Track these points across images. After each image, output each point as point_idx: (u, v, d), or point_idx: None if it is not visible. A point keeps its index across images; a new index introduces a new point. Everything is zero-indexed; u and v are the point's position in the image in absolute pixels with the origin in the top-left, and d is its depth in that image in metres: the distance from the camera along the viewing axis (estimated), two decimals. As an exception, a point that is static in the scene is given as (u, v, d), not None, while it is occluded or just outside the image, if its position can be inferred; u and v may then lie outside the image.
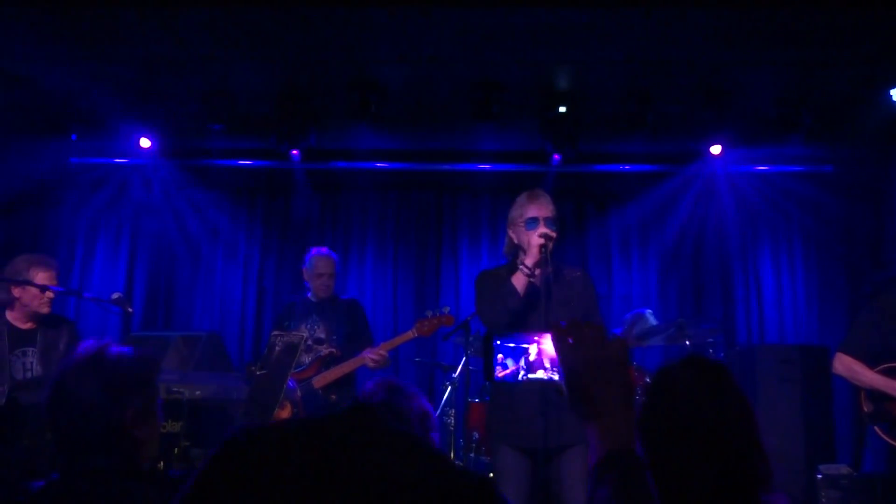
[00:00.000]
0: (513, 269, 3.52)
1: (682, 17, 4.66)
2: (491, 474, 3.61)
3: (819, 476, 4.61)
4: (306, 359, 4.89)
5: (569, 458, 3.29)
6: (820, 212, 6.98)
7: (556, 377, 1.25)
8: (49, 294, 4.01)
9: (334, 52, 5.23)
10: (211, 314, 7.02)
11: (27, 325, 4.04)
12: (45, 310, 4.02)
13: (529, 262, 3.44)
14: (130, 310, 4.84)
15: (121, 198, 7.21)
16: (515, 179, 6.66)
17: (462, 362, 5.26)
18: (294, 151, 6.17)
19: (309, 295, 5.09)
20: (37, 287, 3.93)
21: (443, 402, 5.61)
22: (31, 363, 3.97)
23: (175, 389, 3.63)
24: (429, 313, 4.86)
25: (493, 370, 1.22)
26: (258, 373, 3.62)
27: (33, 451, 3.53)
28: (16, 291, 3.96)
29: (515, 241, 3.54)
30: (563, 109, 5.81)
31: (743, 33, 4.85)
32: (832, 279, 6.86)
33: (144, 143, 6.13)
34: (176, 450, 3.52)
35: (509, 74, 5.58)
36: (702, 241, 7.00)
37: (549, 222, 3.46)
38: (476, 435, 5.25)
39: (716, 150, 6.06)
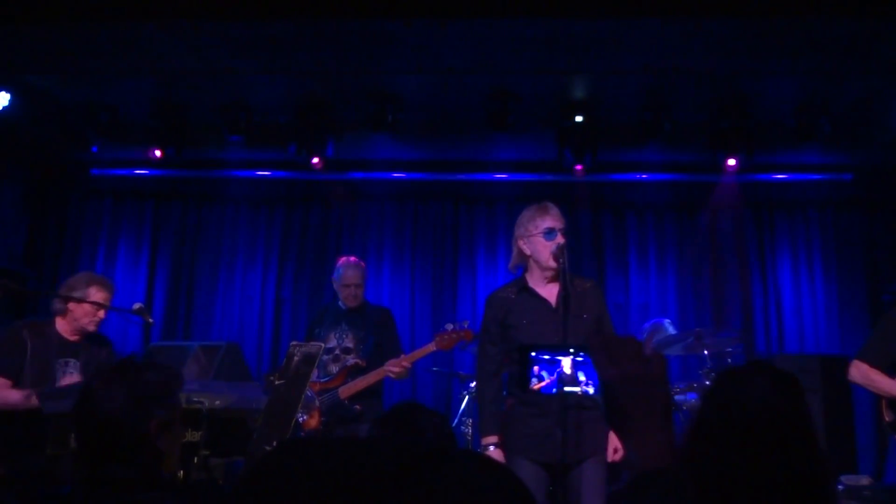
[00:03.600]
0: (523, 285, 3.53)
1: (698, 26, 4.66)
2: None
3: (841, 487, 4.56)
4: (334, 368, 4.92)
5: (586, 470, 3.28)
6: (839, 220, 6.93)
7: (591, 391, 1.24)
8: (100, 315, 4.16)
9: (352, 63, 5.27)
10: (230, 324, 7.07)
11: (73, 338, 4.18)
12: (91, 328, 4.17)
13: (547, 272, 3.46)
14: (151, 320, 4.88)
15: (141, 209, 7.30)
16: (532, 189, 6.67)
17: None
18: (313, 161, 6.20)
19: (340, 302, 5.11)
20: (91, 305, 4.09)
21: (460, 411, 5.61)
22: (71, 373, 4.07)
23: (195, 399, 3.65)
24: (449, 327, 4.84)
25: (528, 381, 1.21)
26: (276, 383, 3.63)
27: (56, 459, 3.57)
28: (71, 304, 4.10)
29: (528, 252, 3.53)
30: (579, 119, 5.82)
31: (760, 42, 4.84)
32: (852, 288, 6.80)
33: (156, 154, 6.19)
34: (195, 459, 3.54)
35: (525, 84, 5.59)
36: (720, 249, 6.96)
37: (563, 233, 3.47)
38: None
39: (731, 163, 6.05)
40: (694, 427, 1.36)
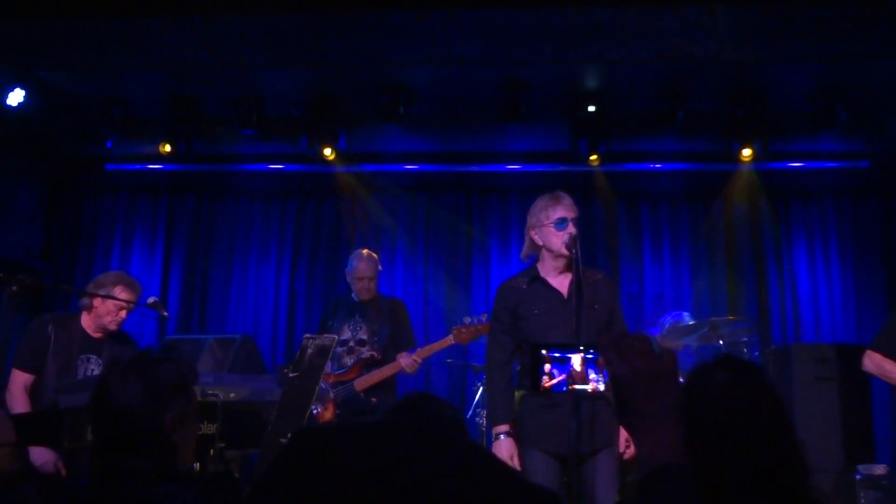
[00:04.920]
0: (534, 276, 3.51)
1: (712, 13, 4.62)
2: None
3: (858, 476, 4.54)
4: (349, 361, 4.93)
5: (599, 461, 3.28)
6: (856, 208, 6.87)
7: (601, 388, 1.23)
8: (122, 315, 4.20)
9: (363, 55, 5.26)
10: (245, 317, 7.10)
11: (97, 335, 4.22)
12: (112, 327, 4.21)
13: (559, 262, 3.44)
14: (166, 314, 4.91)
15: (155, 203, 7.34)
16: (545, 179, 6.64)
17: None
18: (326, 153, 6.21)
19: (353, 295, 5.12)
20: (114, 304, 4.13)
21: (474, 403, 5.61)
22: (92, 370, 4.11)
23: (210, 392, 3.68)
24: (466, 320, 4.83)
25: (539, 380, 1.21)
26: (291, 375, 3.65)
27: (74, 452, 3.61)
28: (96, 301, 4.15)
29: (540, 242, 3.51)
30: (592, 109, 5.79)
31: (775, 29, 4.79)
32: (869, 276, 6.74)
33: (165, 148, 6.20)
34: (211, 451, 3.57)
35: (537, 74, 5.57)
36: (735, 238, 6.91)
37: (575, 223, 3.45)
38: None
39: (746, 153, 5.99)
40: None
